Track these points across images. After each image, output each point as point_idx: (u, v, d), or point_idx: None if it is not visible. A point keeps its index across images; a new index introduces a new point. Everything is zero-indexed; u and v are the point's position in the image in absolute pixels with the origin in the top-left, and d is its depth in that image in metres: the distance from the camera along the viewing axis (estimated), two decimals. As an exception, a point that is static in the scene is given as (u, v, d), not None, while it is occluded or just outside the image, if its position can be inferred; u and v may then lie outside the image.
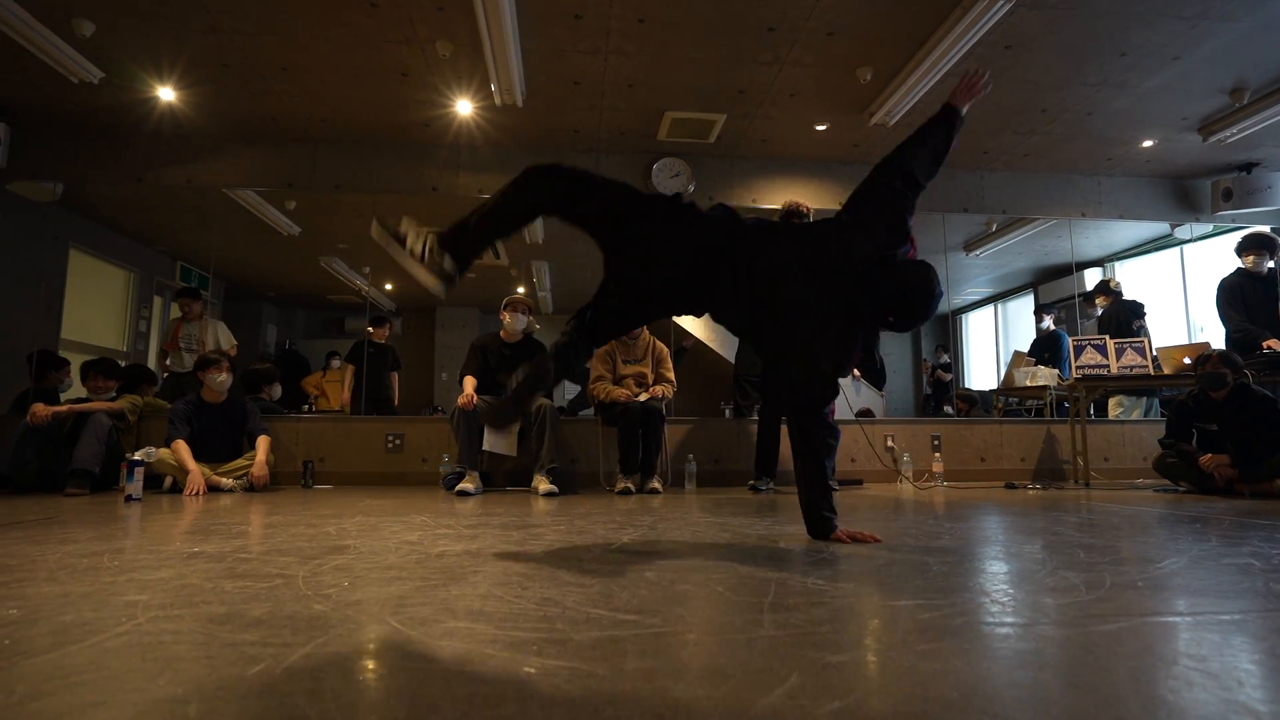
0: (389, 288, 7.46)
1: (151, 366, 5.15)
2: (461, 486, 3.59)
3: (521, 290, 7.06)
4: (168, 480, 3.68)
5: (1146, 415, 5.31)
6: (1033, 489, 4.01)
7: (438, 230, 1.79)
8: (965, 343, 7.65)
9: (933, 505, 3.03)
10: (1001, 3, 3.32)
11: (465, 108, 4.46)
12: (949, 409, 6.59)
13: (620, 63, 3.99)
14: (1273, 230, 4.97)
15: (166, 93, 4.28)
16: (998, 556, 1.71)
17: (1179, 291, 6.07)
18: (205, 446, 3.72)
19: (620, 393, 3.96)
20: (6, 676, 0.78)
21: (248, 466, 3.74)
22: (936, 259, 5.73)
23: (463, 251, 1.79)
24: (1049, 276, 6.65)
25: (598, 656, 0.86)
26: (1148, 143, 4.98)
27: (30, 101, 4.44)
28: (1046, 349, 5.64)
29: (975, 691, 0.75)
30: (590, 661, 0.84)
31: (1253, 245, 4.38)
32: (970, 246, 6.40)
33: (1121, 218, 5.60)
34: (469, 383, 3.90)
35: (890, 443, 4.78)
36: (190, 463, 3.53)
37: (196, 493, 3.43)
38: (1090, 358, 4.37)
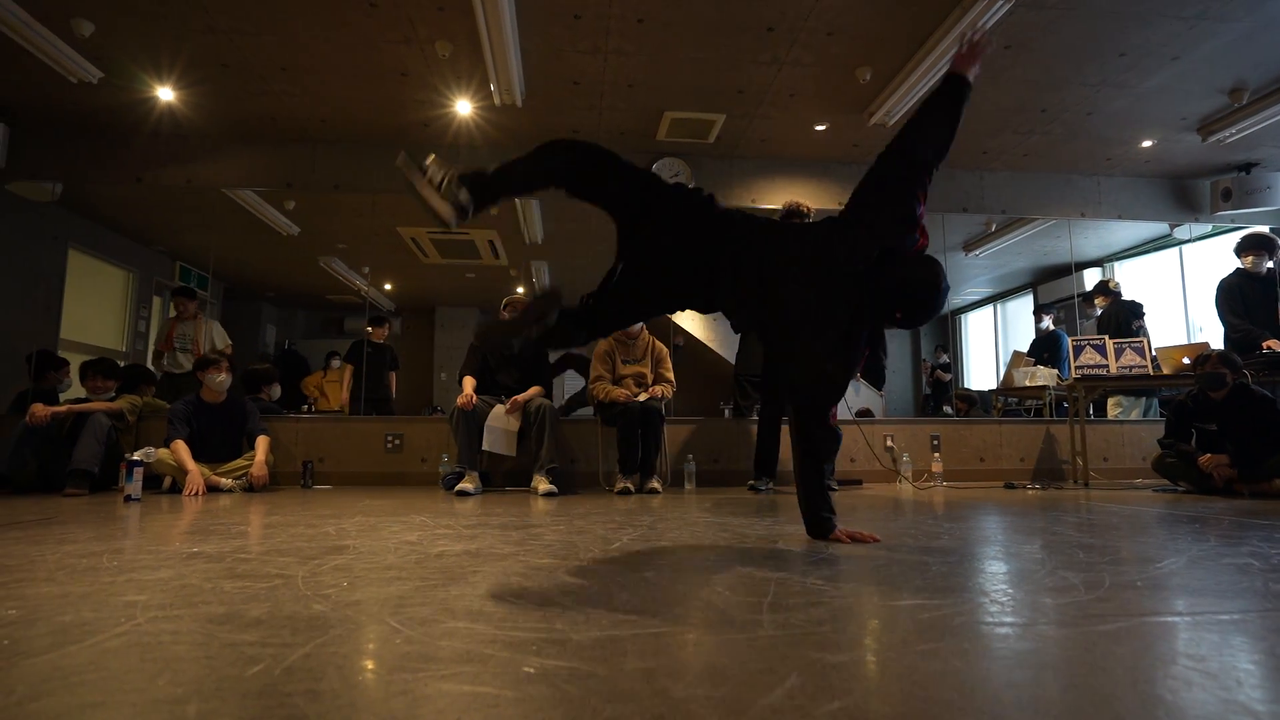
0: (388, 287, 7.47)
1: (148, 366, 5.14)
2: (461, 486, 3.59)
3: (521, 290, 7.06)
4: (167, 480, 3.68)
5: (1145, 415, 5.31)
6: (1032, 489, 4.01)
7: (459, 169, 1.88)
8: (964, 343, 7.65)
9: (932, 505, 3.03)
10: (1001, 3, 3.33)
11: (465, 108, 4.46)
12: (948, 409, 6.59)
13: (620, 63, 3.99)
14: (1272, 230, 4.97)
15: (166, 93, 4.28)
16: (997, 556, 1.72)
17: (1178, 292, 6.07)
18: (204, 447, 3.72)
19: (619, 393, 3.96)
20: (6, 677, 0.78)
21: (247, 467, 3.74)
22: (936, 259, 5.71)
23: (478, 193, 1.85)
24: (1048, 276, 6.66)
25: (597, 656, 0.86)
26: (1147, 143, 4.98)
27: (29, 101, 4.44)
28: (1046, 349, 5.64)
29: (974, 691, 0.75)
30: (590, 661, 0.84)
31: (1252, 246, 4.38)
32: (970, 246, 6.41)
33: (1121, 218, 5.60)
34: (468, 383, 3.90)
35: (889, 443, 4.78)
36: (189, 463, 3.53)
37: (196, 493, 3.43)
38: (1089, 358, 4.38)
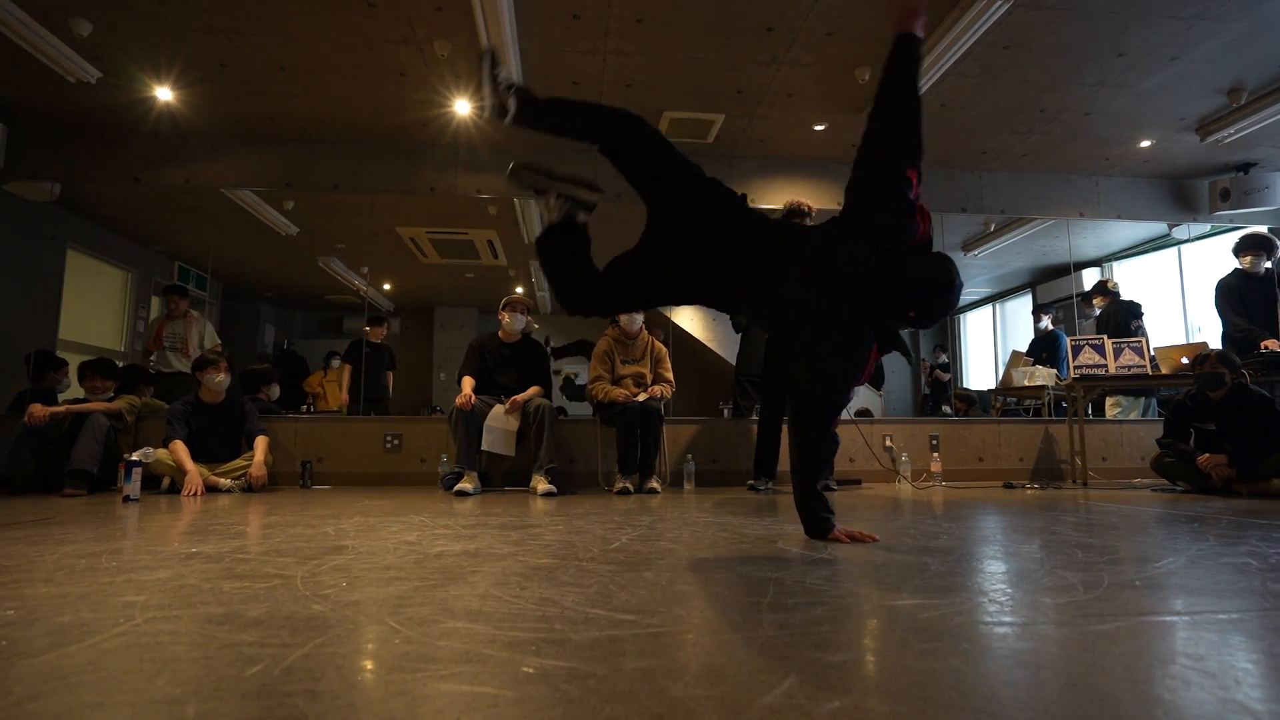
0: (387, 287, 7.46)
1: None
2: (460, 486, 3.59)
3: (520, 290, 7.06)
4: (165, 481, 3.67)
5: (1144, 415, 5.32)
6: (1031, 489, 4.02)
7: (521, 83, 1.96)
8: (963, 343, 7.66)
9: (931, 505, 3.03)
10: (1000, 3, 3.32)
11: (463, 108, 4.45)
12: (947, 409, 6.60)
13: (619, 63, 3.99)
14: (1270, 230, 4.98)
15: (164, 93, 4.28)
16: (996, 556, 1.72)
17: (1177, 291, 6.08)
18: (203, 447, 3.72)
19: (619, 393, 3.95)
20: (4, 677, 0.78)
21: (246, 467, 3.74)
22: (948, 255, 5.72)
23: (524, 107, 1.94)
24: (1047, 276, 6.67)
25: (596, 656, 0.86)
26: (1145, 143, 4.99)
27: (28, 101, 4.43)
28: (1045, 349, 5.64)
29: (973, 691, 0.75)
30: (589, 661, 0.84)
31: (1250, 246, 4.39)
32: (969, 246, 6.41)
33: (1119, 218, 5.60)
34: (467, 383, 3.90)
35: (889, 442, 4.78)
36: (188, 463, 3.53)
37: (194, 493, 3.43)
38: (1088, 357, 4.38)
